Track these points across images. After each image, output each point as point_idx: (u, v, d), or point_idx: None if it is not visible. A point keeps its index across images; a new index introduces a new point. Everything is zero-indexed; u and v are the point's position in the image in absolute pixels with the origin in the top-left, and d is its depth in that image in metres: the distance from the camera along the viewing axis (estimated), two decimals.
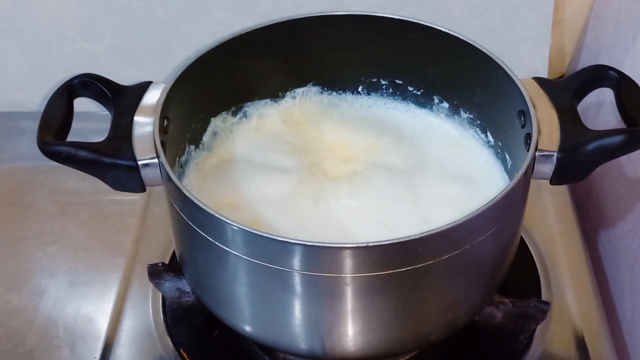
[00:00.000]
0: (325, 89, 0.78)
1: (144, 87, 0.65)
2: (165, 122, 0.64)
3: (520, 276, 0.75)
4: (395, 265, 0.55)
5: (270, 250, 0.55)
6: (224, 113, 0.74)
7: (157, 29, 0.90)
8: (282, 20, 0.71)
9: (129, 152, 0.60)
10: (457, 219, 0.55)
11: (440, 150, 0.73)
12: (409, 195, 0.68)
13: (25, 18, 0.89)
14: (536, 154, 0.60)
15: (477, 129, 0.74)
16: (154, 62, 0.92)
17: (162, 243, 0.80)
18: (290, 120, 0.76)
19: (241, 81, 0.74)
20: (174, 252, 0.77)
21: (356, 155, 0.73)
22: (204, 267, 0.63)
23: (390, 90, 0.77)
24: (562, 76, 0.97)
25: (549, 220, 0.82)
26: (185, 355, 0.70)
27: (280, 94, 0.77)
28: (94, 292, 0.77)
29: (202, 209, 0.56)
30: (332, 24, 0.73)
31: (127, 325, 0.73)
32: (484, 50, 0.67)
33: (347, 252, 0.54)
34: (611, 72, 0.64)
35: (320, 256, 0.55)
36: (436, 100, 0.76)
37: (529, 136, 0.62)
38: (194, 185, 0.70)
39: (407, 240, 0.54)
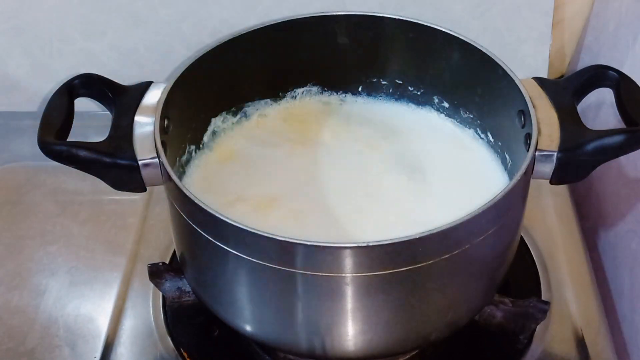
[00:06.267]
0: (326, 89, 0.78)
1: (144, 87, 0.65)
2: (166, 122, 0.64)
3: (520, 276, 0.75)
4: (395, 265, 0.55)
5: (270, 249, 0.55)
6: (224, 113, 0.75)
7: (158, 29, 0.90)
8: (282, 20, 0.71)
9: (130, 152, 0.60)
10: (457, 219, 0.55)
11: (441, 150, 0.73)
12: (409, 194, 0.68)
13: (26, 18, 0.90)
14: (536, 153, 0.60)
15: (477, 129, 0.74)
16: (155, 62, 0.92)
17: (163, 243, 0.80)
18: (291, 119, 0.77)
19: (241, 81, 0.74)
20: (174, 251, 0.77)
21: (356, 155, 0.73)
22: (204, 266, 0.63)
23: (391, 90, 0.77)
24: (562, 76, 0.97)
25: (549, 220, 0.82)
26: (185, 354, 0.71)
27: (280, 94, 0.77)
28: (94, 292, 0.77)
29: (203, 208, 0.56)
30: (333, 24, 0.73)
31: (128, 325, 0.73)
32: (484, 50, 0.67)
33: (348, 251, 0.54)
34: (611, 72, 0.64)
35: (321, 256, 0.55)
36: (436, 100, 0.76)
37: (529, 136, 0.62)
38: (194, 184, 0.70)
39: (407, 240, 0.54)
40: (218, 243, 0.57)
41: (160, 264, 0.72)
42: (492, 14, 0.88)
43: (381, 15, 0.72)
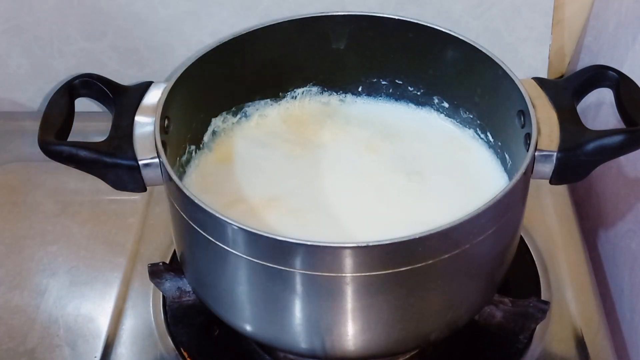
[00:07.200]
0: (326, 89, 0.78)
1: (144, 87, 0.65)
2: (166, 121, 0.64)
3: (520, 276, 0.75)
4: (396, 265, 0.56)
5: (270, 249, 0.56)
6: (224, 113, 0.75)
7: (158, 29, 0.90)
8: (283, 20, 0.71)
9: (130, 152, 0.60)
10: (457, 219, 0.55)
11: (440, 150, 0.73)
12: (409, 194, 0.68)
13: (27, 18, 0.90)
14: (536, 153, 0.60)
15: (477, 129, 0.74)
16: (155, 62, 0.92)
17: (163, 242, 0.80)
18: (291, 119, 0.77)
19: (241, 81, 0.74)
20: (174, 251, 0.77)
21: (356, 156, 0.73)
22: (204, 266, 0.63)
23: (391, 90, 0.77)
24: (562, 76, 0.97)
25: (549, 220, 0.82)
26: (185, 354, 0.71)
27: (280, 94, 0.77)
28: (95, 292, 0.77)
29: (203, 208, 0.56)
30: (332, 24, 0.73)
31: (128, 325, 0.73)
32: (484, 51, 0.67)
33: (348, 251, 0.54)
34: (611, 72, 0.64)
35: (321, 256, 0.55)
36: (436, 100, 0.76)
37: (528, 136, 0.62)
38: (194, 184, 0.70)
39: (407, 240, 0.54)
40: (218, 243, 0.58)
41: (161, 264, 0.72)
42: (492, 14, 0.88)
43: (381, 15, 0.72)
